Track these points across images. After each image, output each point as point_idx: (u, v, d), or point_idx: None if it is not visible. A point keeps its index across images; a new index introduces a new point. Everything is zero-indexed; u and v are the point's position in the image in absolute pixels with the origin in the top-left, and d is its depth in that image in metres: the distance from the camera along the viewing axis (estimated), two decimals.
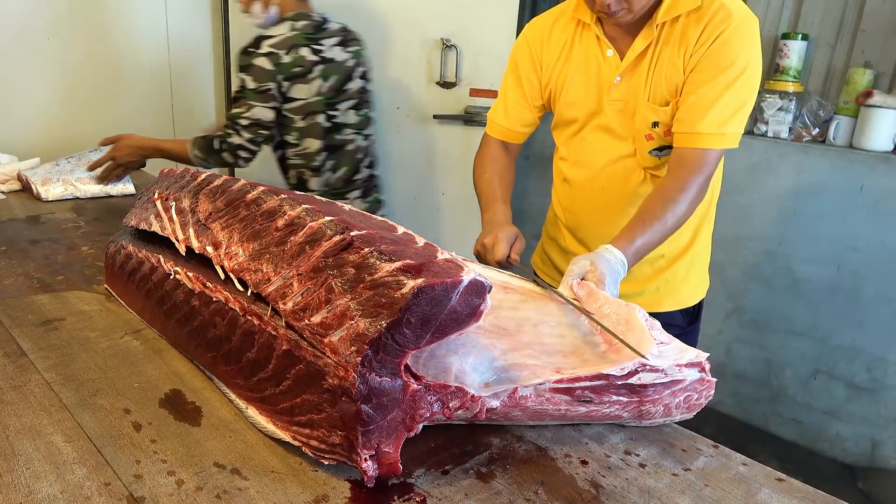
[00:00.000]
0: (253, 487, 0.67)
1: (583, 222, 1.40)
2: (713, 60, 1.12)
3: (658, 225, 1.13)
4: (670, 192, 1.15)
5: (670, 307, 1.38)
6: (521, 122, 1.40)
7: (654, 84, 1.19)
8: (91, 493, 0.64)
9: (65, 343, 0.95)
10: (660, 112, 1.19)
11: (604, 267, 1.03)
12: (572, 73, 1.29)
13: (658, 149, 1.23)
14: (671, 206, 1.14)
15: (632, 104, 1.22)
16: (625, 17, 1.13)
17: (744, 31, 1.12)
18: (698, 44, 1.13)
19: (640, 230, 1.12)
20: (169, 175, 1.13)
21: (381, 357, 0.65)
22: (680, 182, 1.15)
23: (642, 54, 1.19)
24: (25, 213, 1.64)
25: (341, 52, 1.83)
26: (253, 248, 0.82)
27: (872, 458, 2.40)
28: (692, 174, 1.15)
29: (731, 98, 1.12)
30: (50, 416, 0.77)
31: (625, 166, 1.29)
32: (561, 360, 0.82)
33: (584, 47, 1.27)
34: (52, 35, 2.18)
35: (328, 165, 1.87)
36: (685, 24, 1.14)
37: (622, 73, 1.21)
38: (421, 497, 0.67)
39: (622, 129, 1.25)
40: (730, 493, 0.71)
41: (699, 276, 1.42)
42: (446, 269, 0.68)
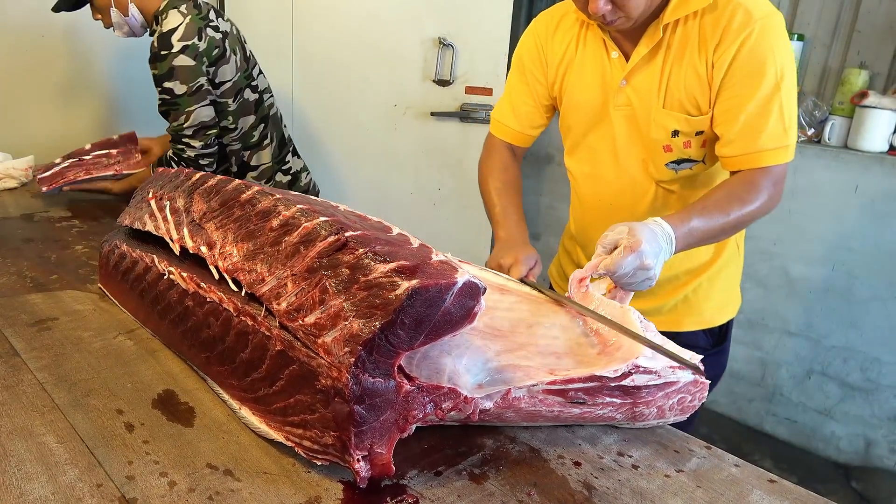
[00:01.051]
0: (245, 489, 0.67)
1: (592, 239, 1.27)
2: (747, 72, 1.03)
3: (719, 216, 1.02)
4: (738, 190, 1.05)
5: (692, 327, 1.28)
6: (531, 124, 1.33)
7: (671, 89, 1.10)
8: (83, 495, 0.64)
9: (58, 343, 0.95)
10: (681, 120, 1.10)
11: (644, 234, 0.92)
12: (576, 75, 1.22)
13: (676, 161, 1.14)
14: (737, 203, 1.03)
15: (642, 111, 1.13)
16: (624, 25, 1.06)
17: (770, 34, 1.03)
18: (720, 50, 1.04)
19: (697, 213, 1.01)
20: (163, 174, 1.12)
21: (374, 358, 0.65)
22: (748, 182, 1.06)
23: (651, 56, 1.11)
24: (19, 211, 1.64)
25: (224, 21, 1.79)
26: (247, 248, 0.82)
27: (866, 458, 2.41)
28: (762, 178, 1.05)
29: (780, 109, 1.04)
30: (42, 417, 0.77)
31: (634, 180, 1.20)
32: (555, 361, 0.82)
33: (589, 48, 1.19)
34: (46, 33, 2.17)
35: (266, 137, 1.87)
36: (701, 25, 1.06)
37: (627, 75, 1.13)
38: (413, 498, 0.67)
39: (630, 139, 1.17)
40: (722, 495, 0.71)
41: (726, 293, 1.30)
42: (441, 270, 0.68)
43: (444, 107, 2.52)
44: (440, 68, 2.44)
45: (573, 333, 0.90)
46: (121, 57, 2.36)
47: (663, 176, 1.18)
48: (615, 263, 0.92)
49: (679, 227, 0.98)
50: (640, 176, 1.19)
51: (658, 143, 1.14)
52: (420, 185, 2.65)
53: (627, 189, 1.21)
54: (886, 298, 2.25)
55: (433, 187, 2.65)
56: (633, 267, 0.92)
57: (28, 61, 2.16)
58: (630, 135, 1.17)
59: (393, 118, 2.56)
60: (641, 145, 1.16)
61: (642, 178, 1.19)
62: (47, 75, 2.21)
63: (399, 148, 2.61)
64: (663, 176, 1.18)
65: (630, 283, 0.95)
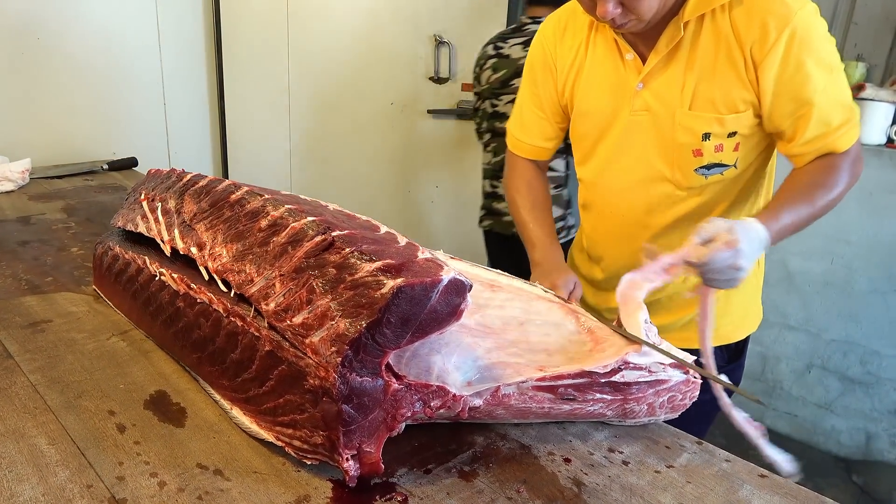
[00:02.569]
0: (235, 488, 0.67)
1: (602, 253, 1.25)
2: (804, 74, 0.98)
3: (805, 207, 0.98)
4: (818, 175, 1.01)
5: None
6: (542, 137, 1.26)
7: (700, 90, 1.03)
8: (73, 496, 0.65)
9: (51, 345, 0.95)
10: (712, 121, 1.03)
11: (744, 233, 0.87)
12: (586, 80, 1.15)
13: (706, 167, 1.07)
14: (820, 190, 1.00)
15: (664, 115, 1.06)
16: (636, 27, 0.99)
17: (813, 25, 0.97)
18: (762, 48, 0.97)
19: (786, 206, 0.97)
20: (156, 175, 1.13)
21: (361, 357, 0.65)
22: (828, 165, 1.01)
23: (670, 56, 1.04)
24: (16, 213, 1.64)
25: (520, 50, 1.97)
26: (236, 248, 0.82)
27: (867, 451, 2.41)
28: (841, 160, 1.01)
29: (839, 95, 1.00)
30: (34, 419, 0.77)
31: (653, 189, 1.12)
32: (545, 358, 0.82)
33: (600, 50, 1.12)
34: (42, 35, 2.17)
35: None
36: (732, 19, 0.99)
37: (645, 78, 1.06)
38: (403, 496, 0.68)
39: (649, 145, 1.10)
40: (712, 490, 0.71)
41: (744, 308, 1.22)
42: (426, 268, 0.68)
43: (441, 104, 2.52)
44: (437, 66, 2.44)
45: (565, 331, 0.90)
46: (117, 60, 2.36)
47: (692, 182, 1.10)
48: (709, 255, 0.86)
49: (771, 225, 0.94)
50: (661, 184, 1.12)
51: (686, 147, 1.07)
52: (417, 183, 2.66)
53: (644, 199, 1.14)
54: (886, 291, 2.24)
55: (430, 185, 2.65)
56: (727, 264, 0.87)
57: (24, 64, 2.16)
58: (649, 141, 1.10)
59: (390, 116, 2.56)
60: (663, 151, 1.09)
61: (663, 187, 1.12)
62: (44, 79, 2.21)
63: (396, 145, 2.61)
64: (692, 182, 1.10)
65: (716, 278, 0.90)
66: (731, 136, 1.05)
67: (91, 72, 2.31)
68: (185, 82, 2.58)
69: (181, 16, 2.50)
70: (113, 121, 2.40)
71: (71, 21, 2.23)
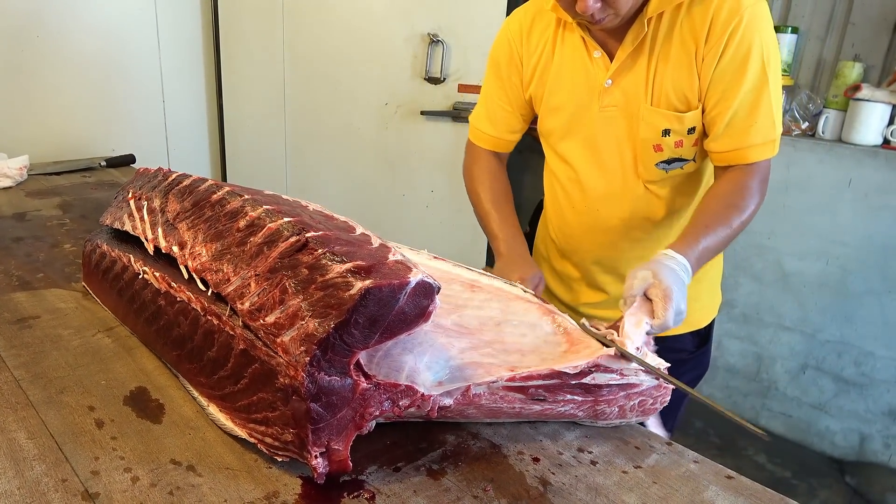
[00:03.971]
0: (206, 484, 0.69)
1: (576, 247, 1.28)
2: (737, 65, 1.00)
3: (722, 229, 1.01)
4: (731, 197, 1.03)
5: (680, 330, 1.25)
6: (508, 129, 1.29)
7: (658, 86, 1.06)
8: (47, 489, 0.66)
9: (38, 341, 0.97)
10: (671, 118, 1.06)
11: (668, 278, 0.88)
12: (554, 77, 1.17)
13: (666, 161, 1.11)
14: (735, 212, 1.02)
15: (630, 111, 1.10)
16: (612, 23, 1.01)
17: (758, 23, 1.00)
18: (710, 43, 1.01)
19: (703, 232, 0.99)
20: (144, 174, 1.14)
21: (329, 357, 0.66)
22: (740, 186, 1.03)
23: (636, 53, 1.07)
24: (12, 210, 1.66)
25: None
26: (215, 248, 0.83)
27: (860, 453, 2.41)
28: (751, 180, 1.04)
29: (768, 102, 1.02)
30: (15, 414, 0.79)
31: (621, 183, 1.16)
32: (519, 358, 0.83)
33: (568, 48, 1.14)
34: (42, 33, 2.19)
35: None
36: (690, 17, 1.02)
37: (613, 75, 1.09)
38: (370, 494, 0.69)
39: (618, 140, 1.13)
40: (677, 491, 0.72)
41: (709, 293, 1.29)
42: (395, 270, 0.69)
43: (436, 105, 2.47)
44: (430, 65, 2.38)
45: (541, 332, 0.91)
46: (117, 58, 2.38)
47: (652, 177, 1.14)
48: (664, 321, 0.87)
49: (691, 254, 0.96)
50: (629, 179, 1.15)
51: (648, 142, 1.10)
52: (412, 187, 2.60)
53: (614, 193, 1.17)
54: (880, 292, 2.24)
55: (426, 189, 2.59)
56: (674, 315, 0.88)
57: (23, 62, 2.18)
58: (617, 136, 1.13)
59: (384, 117, 2.52)
60: (630, 146, 1.12)
61: (630, 181, 1.15)
62: (42, 76, 2.23)
63: (390, 148, 2.56)
64: (652, 177, 1.14)
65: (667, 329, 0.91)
66: (690, 132, 1.08)
67: (90, 69, 2.33)
68: (184, 80, 2.59)
69: (180, 14, 2.51)
70: (112, 118, 2.42)
71: (71, 19, 2.25)
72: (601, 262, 1.14)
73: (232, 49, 2.58)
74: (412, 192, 2.60)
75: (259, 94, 2.61)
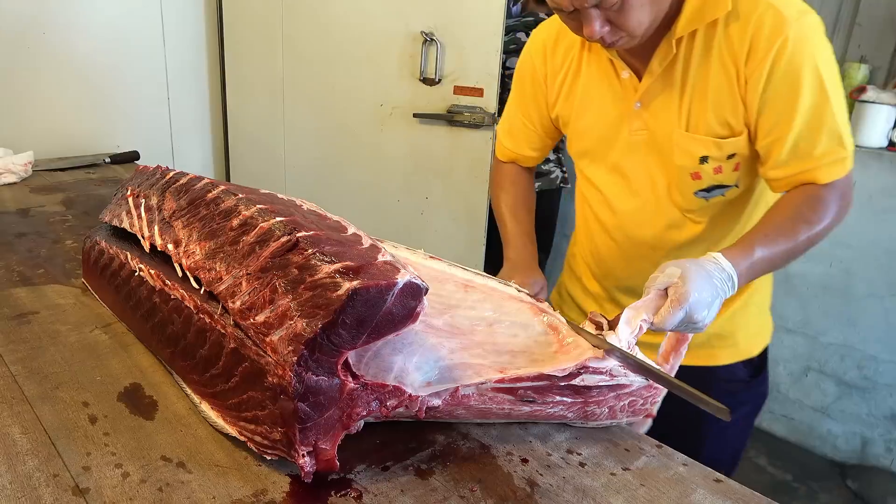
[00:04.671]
0: (195, 481, 0.69)
1: (606, 272, 1.21)
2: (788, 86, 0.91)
3: (784, 242, 0.92)
4: (801, 207, 0.94)
5: (728, 359, 1.17)
6: (529, 147, 1.25)
7: (697, 111, 0.99)
8: (38, 484, 0.67)
9: (35, 336, 0.98)
10: (710, 144, 0.99)
11: (694, 283, 0.82)
12: (581, 97, 1.11)
13: (706, 189, 1.03)
14: (803, 225, 0.93)
15: (662, 136, 1.03)
16: (628, 44, 0.95)
17: (808, 39, 0.91)
18: (752, 63, 0.92)
19: (760, 242, 0.91)
20: (143, 172, 1.15)
21: (317, 357, 0.67)
22: (813, 198, 0.94)
23: (668, 74, 1.00)
24: (16, 205, 1.68)
25: None
26: (209, 246, 0.84)
27: (862, 456, 2.40)
28: (826, 194, 0.95)
29: (832, 120, 0.93)
30: (10, 409, 0.80)
31: (654, 209, 1.09)
32: (509, 359, 0.84)
33: (595, 67, 1.08)
34: (48, 31, 2.21)
35: None
36: (728, 36, 0.94)
37: (642, 97, 1.02)
38: (357, 492, 0.69)
39: (650, 167, 1.07)
40: (664, 493, 0.72)
41: (759, 318, 1.20)
42: (383, 270, 0.69)
43: (432, 108, 2.32)
44: (425, 66, 2.27)
45: (532, 332, 0.91)
46: (122, 55, 2.40)
47: (691, 205, 1.06)
48: (663, 321, 0.83)
49: (741, 262, 0.88)
50: (662, 205, 1.08)
51: (685, 170, 1.03)
52: (408, 192, 2.48)
53: (650, 221, 1.10)
54: (884, 296, 2.23)
55: (421, 195, 2.46)
56: (681, 321, 0.84)
57: (29, 58, 2.20)
58: (651, 162, 1.06)
59: (379, 119, 2.41)
60: (662, 173, 1.06)
61: (664, 208, 1.08)
62: (48, 73, 2.25)
63: (385, 151, 2.44)
64: (691, 205, 1.06)
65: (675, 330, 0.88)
66: (730, 157, 1.01)
67: (96, 66, 2.34)
68: (189, 77, 2.61)
69: (185, 11, 2.52)
70: (117, 115, 2.44)
71: (76, 16, 2.26)
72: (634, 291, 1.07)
73: (235, 47, 2.59)
74: (407, 197, 2.49)
75: (260, 93, 2.60)
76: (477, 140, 2.26)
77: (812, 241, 0.95)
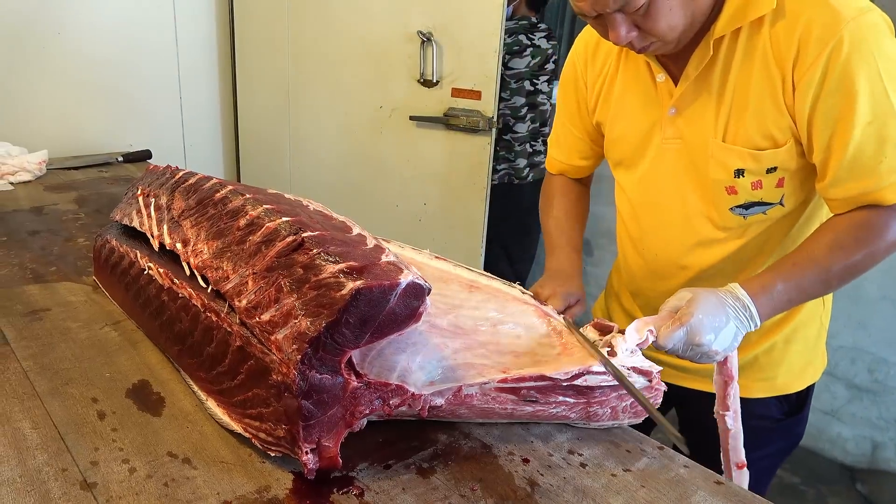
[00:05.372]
0: (201, 476, 0.70)
1: (636, 291, 1.16)
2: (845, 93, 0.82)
3: (815, 272, 0.85)
4: (843, 235, 0.86)
5: (761, 393, 1.08)
6: (578, 155, 1.19)
7: (735, 119, 0.91)
8: (47, 478, 0.68)
9: (47, 333, 1.00)
10: (746, 156, 0.91)
11: (701, 311, 0.80)
12: (617, 102, 1.06)
13: (743, 206, 0.95)
14: (840, 253, 0.85)
15: (697, 146, 0.95)
16: (663, 49, 0.90)
17: (866, 40, 0.81)
18: (801, 67, 0.84)
19: (787, 273, 0.85)
20: (153, 172, 1.17)
21: (321, 355, 0.68)
22: (860, 223, 0.86)
23: (704, 79, 0.92)
24: (31, 203, 1.70)
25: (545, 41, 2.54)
26: (216, 246, 0.85)
27: (873, 460, 2.38)
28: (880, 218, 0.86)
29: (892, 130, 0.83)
30: (22, 404, 0.81)
31: (682, 228, 1.02)
32: (512, 360, 0.84)
33: (632, 70, 1.02)
34: (63, 31, 2.24)
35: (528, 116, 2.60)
36: (772, 36, 0.86)
37: (677, 103, 0.95)
38: (359, 490, 0.70)
39: (685, 179, 0.99)
40: (664, 495, 0.73)
41: (805, 355, 1.09)
42: (387, 271, 0.70)
43: (430, 111, 2.20)
44: (423, 67, 2.16)
45: (536, 333, 0.91)
46: (135, 55, 2.42)
47: (728, 223, 0.98)
48: (663, 338, 0.82)
49: (759, 294, 0.84)
50: (697, 222, 1.00)
51: (720, 183, 0.94)
52: (406, 197, 2.38)
53: (679, 238, 1.03)
54: (895, 299, 2.21)
55: (418, 201, 2.36)
56: (682, 342, 0.81)
57: (45, 58, 2.23)
58: (683, 173, 0.99)
59: (378, 121, 2.34)
60: (698, 185, 0.98)
61: (697, 226, 1.00)
62: (63, 73, 2.28)
63: (384, 154, 2.37)
64: (728, 223, 0.98)
65: (685, 357, 0.85)
66: (770, 171, 0.92)
67: (109, 66, 2.37)
68: (201, 77, 2.63)
69: (197, 13, 2.55)
70: (129, 114, 2.46)
71: (91, 17, 2.29)
72: None
73: (246, 47, 2.61)
74: (405, 202, 2.38)
75: (268, 93, 2.60)
76: (475, 145, 2.16)
77: (849, 271, 0.86)
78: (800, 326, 1.06)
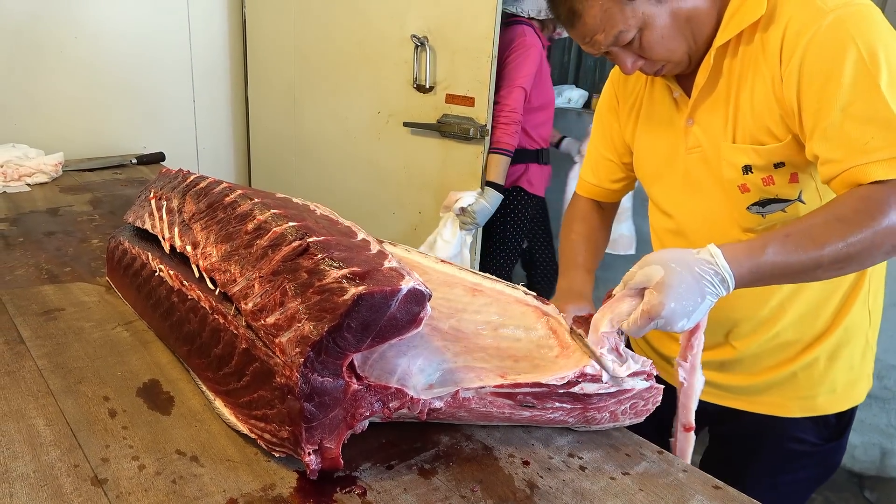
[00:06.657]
0: (207, 474, 0.72)
1: None
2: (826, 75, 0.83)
3: (807, 244, 0.79)
4: (840, 208, 0.81)
5: (798, 412, 1.05)
6: (610, 179, 1.22)
7: (739, 120, 0.95)
8: (60, 474, 0.71)
9: (61, 332, 1.03)
10: (750, 153, 0.93)
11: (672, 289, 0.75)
12: (644, 121, 1.11)
13: (760, 203, 0.96)
14: (837, 226, 0.79)
15: (712, 150, 0.99)
16: (675, 70, 0.97)
17: (846, 22, 0.82)
18: (784, 62, 0.87)
19: (776, 241, 0.80)
20: (165, 175, 1.19)
21: (323, 359, 0.69)
22: (864, 200, 0.80)
23: (711, 88, 0.97)
24: (47, 205, 1.74)
25: None
26: (225, 249, 0.87)
27: (881, 467, 2.36)
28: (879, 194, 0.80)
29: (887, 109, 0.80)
30: (36, 401, 0.84)
31: (716, 232, 1.02)
32: (511, 364, 0.85)
33: (658, 89, 1.08)
34: (79, 35, 2.28)
35: None
36: (761, 39, 0.91)
37: (692, 113, 1.01)
38: (362, 490, 0.72)
39: (707, 185, 1.02)
40: (662, 499, 0.74)
41: (850, 374, 1.04)
42: (388, 276, 0.72)
43: (425, 117, 2.18)
44: (417, 72, 2.13)
45: (535, 336, 0.93)
46: (150, 58, 2.46)
47: (748, 223, 0.98)
48: (631, 330, 0.79)
49: (743, 262, 0.78)
50: (726, 226, 1.01)
51: (732, 183, 0.97)
52: (402, 204, 2.36)
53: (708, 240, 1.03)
54: None
55: (414, 209, 2.33)
56: (652, 328, 0.78)
57: (62, 61, 2.27)
58: (706, 180, 1.02)
59: (376, 126, 2.33)
60: (716, 190, 1.01)
61: (728, 229, 1.01)
62: (80, 75, 2.32)
63: (382, 160, 2.36)
64: (748, 223, 0.98)
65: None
66: (778, 166, 0.93)
67: (125, 70, 2.41)
68: (214, 81, 2.67)
69: (211, 17, 2.58)
70: (144, 117, 2.50)
71: (107, 22, 2.33)
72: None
73: (257, 52, 2.64)
74: (401, 210, 2.37)
75: (275, 97, 2.63)
76: (468, 154, 2.14)
77: (851, 251, 0.79)
78: (846, 340, 1.03)
